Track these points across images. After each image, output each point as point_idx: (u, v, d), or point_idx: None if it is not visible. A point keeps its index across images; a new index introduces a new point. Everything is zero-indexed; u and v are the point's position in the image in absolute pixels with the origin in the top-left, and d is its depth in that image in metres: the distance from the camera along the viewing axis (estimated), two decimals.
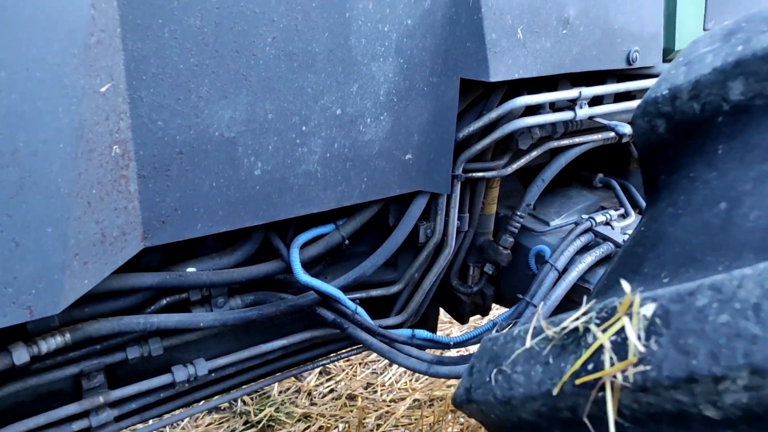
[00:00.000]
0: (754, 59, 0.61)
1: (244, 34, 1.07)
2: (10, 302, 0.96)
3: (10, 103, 0.87)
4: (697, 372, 0.48)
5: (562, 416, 0.57)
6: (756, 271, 0.48)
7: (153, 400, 1.47)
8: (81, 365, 1.33)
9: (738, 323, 0.47)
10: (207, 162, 1.15)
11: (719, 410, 0.48)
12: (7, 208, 0.91)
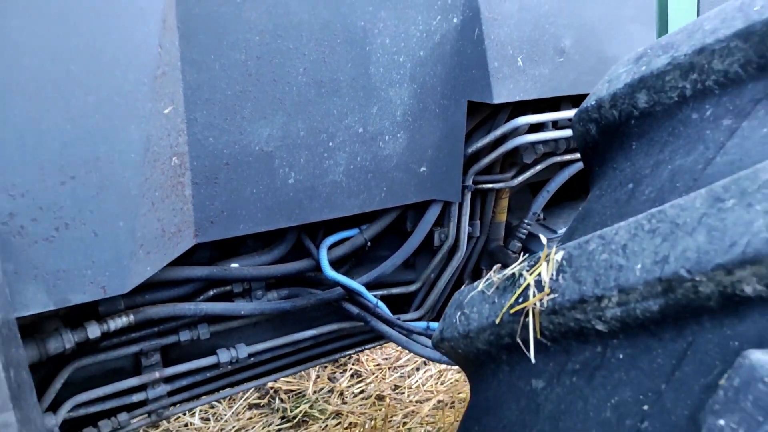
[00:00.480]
0: (652, 76, 0.78)
1: (280, 65, 1.28)
2: (89, 282, 1.18)
3: (94, 121, 1.10)
4: (586, 294, 0.65)
5: (504, 342, 0.74)
6: (627, 223, 0.64)
7: (200, 379, 1.68)
8: (141, 345, 1.55)
9: (612, 258, 0.64)
10: (249, 172, 1.36)
11: (605, 324, 0.65)
12: (90, 205, 1.14)
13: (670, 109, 0.78)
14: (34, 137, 1.05)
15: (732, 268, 0.55)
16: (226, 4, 1.17)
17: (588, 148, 0.95)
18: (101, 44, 1.07)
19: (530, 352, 0.69)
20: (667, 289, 0.59)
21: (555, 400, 0.68)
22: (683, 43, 0.77)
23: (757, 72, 0.70)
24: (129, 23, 1.08)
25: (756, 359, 0.50)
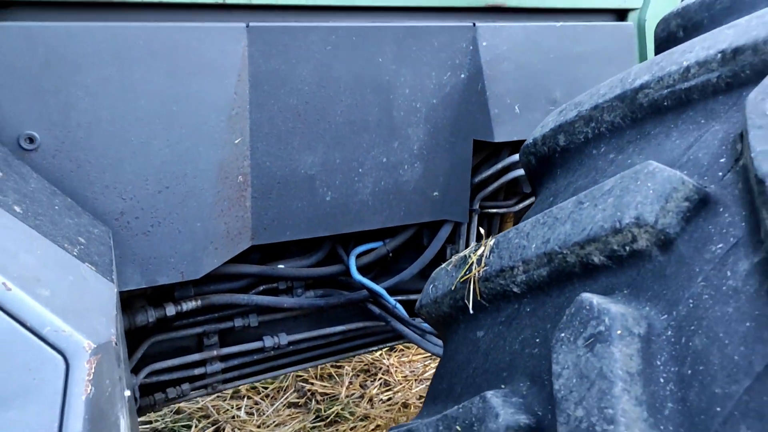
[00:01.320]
0: (567, 124, 1.10)
1: (322, 109, 1.65)
2: (172, 268, 1.55)
3: (185, 147, 1.48)
4: (504, 266, 0.96)
5: (459, 304, 1.05)
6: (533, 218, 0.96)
7: (248, 360, 2.03)
8: (204, 327, 1.91)
9: (520, 241, 0.95)
10: (295, 190, 1.71)
11: (517, 286, 0.95)
12: (177, 209, 1.51)
13: (579, 147, 1.10)
14: (142, 157, 1.44)
15: (583, 245, 0.85)
16: (284, 64, 1.54)
17: (531, 174, 1.28)
18: (194, 91, 1.46)
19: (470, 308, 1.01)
20: (549, 260, 0.90)
21: (488, 342, 0.99)
22: (586, 101, 1.09)
23: (631, 122, 1.02)
24: (214, 76, 1.47)
25: (584, 296, 0.80)
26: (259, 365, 2.08)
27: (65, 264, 1.01)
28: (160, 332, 1.85)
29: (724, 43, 0.90)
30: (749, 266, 0.71)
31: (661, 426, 0.69)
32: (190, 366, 1.93)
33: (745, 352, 0.68)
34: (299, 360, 2.16)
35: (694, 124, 0.91)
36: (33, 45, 1.26)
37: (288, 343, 2.03)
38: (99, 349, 0.89)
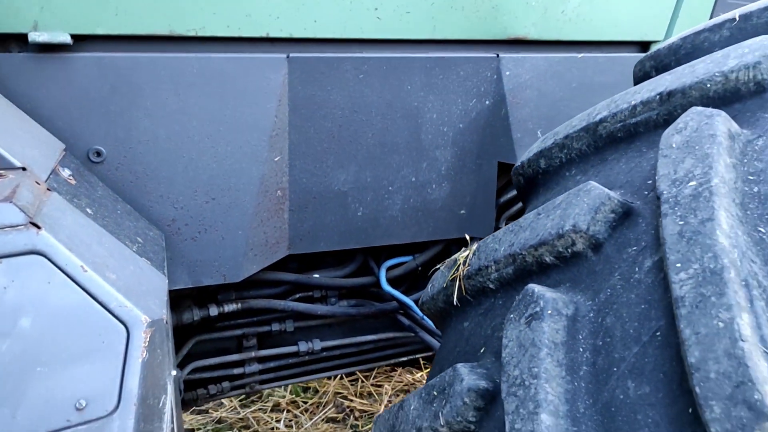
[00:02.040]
0: (546, 149, 1.24)
1: (355, 131, 1.82)
2: (216, 271, 1.74)
3: (230, 163, 1.67)
4: (481, 265, 1.10)
5: (450, 300, 1.19)
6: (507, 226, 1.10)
7: (283, 363, 2.20)
8: (243, 329, 2.10)
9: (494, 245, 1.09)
10: (329, 205, 1.89)
11: (492, 283, 1.09)
12: (221, 218, 1.70)
13: (556, 170, 1.24)
14: (192, 171, 1.64)
15: (537, 247, 1.00)
16: (320, 90, 1.73)
17: (520, 192, 1.43)
18: (239, 114, 1.66)
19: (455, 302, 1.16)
20: (513, 260, 1.04)
21: (470, 330, 1.13)
22: (561, 131, 1.24)
23: (594, 150, 1.17)
24: (257, 101, 1.67)
25: (530, 286, 0.95)
26: (294, 369, 2.25)
27: (127, 257, 1.21)
28: (203, 332, 2.05)
29: (662, 87, 1.06)
30: (651, 263, 0.87)
31: (575, 382, 0.85)
32: (230, 365, 2.12)
33: (638, 326, 0.84)
34: (331, 366, 2.31)
35: (638, 152, 1.07)
36: (103, 73, 1.48)
37: (321, 349, 2.19)
38: (153, 324, 1.08)
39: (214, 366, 2.09)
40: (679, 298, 0.79)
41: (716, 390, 0.73)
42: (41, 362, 1.01)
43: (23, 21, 1.36)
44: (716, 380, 0.73)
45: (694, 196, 0.86)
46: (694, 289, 0.78)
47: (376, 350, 2.34)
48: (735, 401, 0.71)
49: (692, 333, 0.77)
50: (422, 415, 1.08)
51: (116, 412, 1.05)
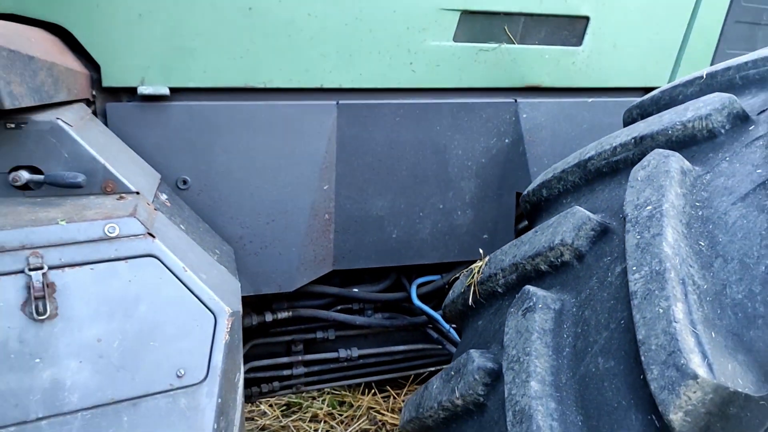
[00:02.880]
0: (546, 181, 1.55)
1: (390, 165, 2.15)
2: (272, 281, 2.07)
3: (287, 192, 2.02)
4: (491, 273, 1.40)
5: (467, 302, 1.49)
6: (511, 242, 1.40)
7: (326, 368, 2.51)
8: (292, 336, 2.42)
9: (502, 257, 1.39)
10: (368, 227, 2.21)
11: (500, 287, 1.38)
12: (279, 237, 2.04)
13: (555, 198, 1.55)
14: (257, 197, 1.99)
15: (534, 257, 1.30)
16: (363, 131, 2.07)
17: (527, 216, 1.74)
18: (296, 150, 2.00)
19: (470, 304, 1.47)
20: (516, 268, 1.35)
21: (482, 327, 1.43)
22: (560, 166, 1.55)
23: (585, 182, 1.47)
24: (311, 139, 2.02)
25: (527, 287, 1.25)
26: (335, 373, 2.56)
27: (211, 263, 1.55)
28: (259, 336, 2.38)
29: (636, 133, 1.37)
30: (620, 269, 1.15)
31: (559, 360, 1.14)
32: (280, 367, 2.44)
33: (607, 317, 1.12)
34: (367, 372, 2.61)
35: (618, 184, 1.37)
36: (191, 117, 1.85)
37: (358, 356, 2.50)
38: (233, 314, 1.41)
39: (267, 367, 2.42)
40: (633, 292, 1.08)
41: (655, 357, 1.02)
42: (153, 338, 1.34)
43: (133, 78, 1.74)
44: (656, 350, 1.02)
45: (649, 217, 1.16)
46: (644, 285, 1.08)
47: (406, 360, 2.63)
48: (668, 365, 1.00)
49: (641, 317, 1.06)
50: (442, 392, 1.38)
51: (205, 381, 1.38)
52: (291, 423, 3.99)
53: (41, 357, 1.24)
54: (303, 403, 4.33)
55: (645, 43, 2.31)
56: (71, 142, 1.45)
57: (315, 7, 1.89)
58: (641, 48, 2.31)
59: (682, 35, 2.36)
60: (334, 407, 4.17)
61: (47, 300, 1.24)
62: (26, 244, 1.25)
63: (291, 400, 4.46)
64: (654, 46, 2.32)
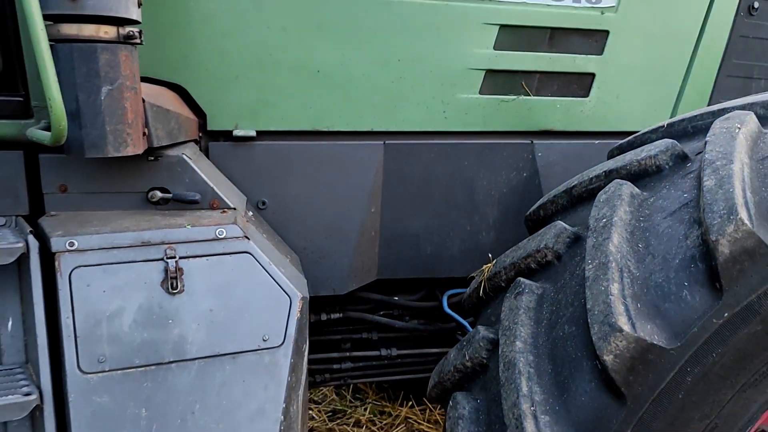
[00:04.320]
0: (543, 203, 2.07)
1: (427, 193, 2.68)
2: (328, 285, 2.61)
3: (342, 213, 2.57)
4: (496, 271, 1.90)
5: (480, 295, 1.99)
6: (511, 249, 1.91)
7: (369, 364, 3.02)
8: (342, 335, 2.95)
9: (505, 259, 1.90)
10: (407, 244, 2.73)
11: (504, 282, 1.87)
12: (335, 250, 2.58)
13: (549, 217, 2.04)
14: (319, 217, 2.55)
15: (526, 258, 1.81)
16: (404, 165, 2.62)
17: (529, 231, 2.23)
18: (350, 179, 2.56)
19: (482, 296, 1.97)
20: (514, 267, 1.85)
21: (490, 313, 1.93)
22: (553, 193, 2.05)
23: (570, 205, 1.96)
24: (362, 171, 2.57)
25: (519, 279, 1.75)
26: (377, 369, 3.07)
27: (286, 263, 2.12)
28: (315, 334, 2.92)
29: (606, 167, 1.87)
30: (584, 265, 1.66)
31: (538, 328, 1.64)
32: (331, 361, 2.97)
33: (573, 298, 1.63)
34: (404, 371, 3.11)
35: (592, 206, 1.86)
36: (270, 154, 2.44)
37: (397, 355, 3.01)
38: (303, 299, 1.96)
39: (321, 360, 2.95)
40: (587, 277, 1.58)
41: (596, 319, 1.50)
42: (247, 311, 1.90)
43: (229, 123, 2.35)
44: (597, 315, 1.51)
45: (603, 227, 1.65)
46: (593, 272, 1.57)
47: (438, 361, 3.11)
48: (604, 323, 1.48)
49: (590, 293, 1.55)
50: (456, 358, 1.89)
51: (282, 345, 1.93)
52: (336, 426, 4.50)
53: (173, 319, 1.81)
54: (347, 410, 4.85)
55: (644, 95, 2.80)
56: (191, 171, 2.05)
57: (368, 69, 2.47)
58: (641, 98, 2.80)
59: (678, 88, 2.84)
60: (375, 415, 4.66)
61: (178, 280, 1.82)
62: (164, 240, 1.84)
63: (336, 407, 4.99)
64: (653, 97, 2.82)
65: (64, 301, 1.71)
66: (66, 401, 1.71)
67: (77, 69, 1.62)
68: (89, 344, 1.72)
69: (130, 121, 1.73)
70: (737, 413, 1.50)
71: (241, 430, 1.86)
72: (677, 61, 2.81)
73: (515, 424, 1.50)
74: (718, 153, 1.55)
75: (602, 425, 1.45)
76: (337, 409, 4.90)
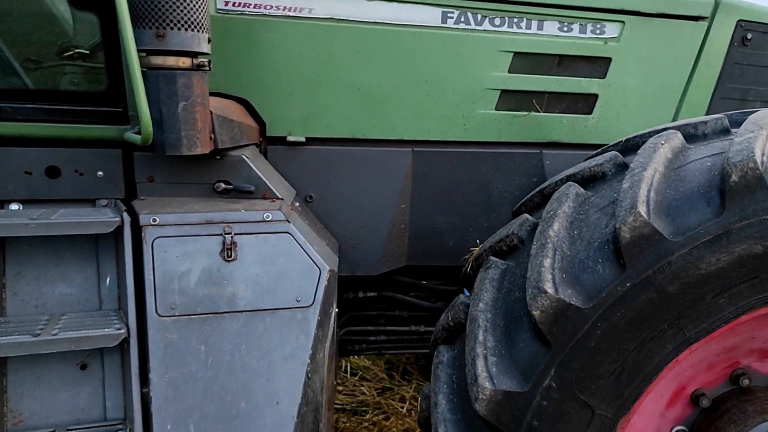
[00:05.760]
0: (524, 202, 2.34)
1: (449, 192, 3.01)
2: (363, 267, 2.97)
3: (376, 208, 2.93)
4: (480, 253, 2.20)
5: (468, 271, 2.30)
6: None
7: (401, 338, 3.36)
8: (377, 311, 3.30)
9: (486, 245, 2.19)
10: (433, 236, 3.04)
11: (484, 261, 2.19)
12: (370, 237, 2.95)
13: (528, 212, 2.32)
14: (357, 211, 2.91)
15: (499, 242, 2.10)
16: (430, 169, 2.94)
17: None
18: (383, 181, 2.92)
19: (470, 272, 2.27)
20: (492, 249, 2.14)
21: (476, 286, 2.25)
22: (530, 193, 2.31)
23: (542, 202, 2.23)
24: (393, 174, 2.92)
25: (491, 258, 2.05)
26: (406, 343, 3.40)
27: (321, 243, 2.50)
28: (354, 310, 3.29)
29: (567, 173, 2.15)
30: None
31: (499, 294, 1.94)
32: (368, 333, 3.33)
33: (524, 271, 1.90)
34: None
35: None
36: (318, 157, 2.83)
37: (424, 331, 3.33)
38: (330, 271, 2.34)
39: (359, 332, 3.31)
40: (530, 254, 1.87)
41: (530, 284, 1.80)
42: (285, 278, 2.30)
43: (284, 130, 2.77)
44: (531, 281, 1.80)
45: (549, 217, 1.93)
46: (535, 251, 1.86)
47: None
48: (535, 287, 1.78)
49: (530, 266, 1.84)
50: (444, 319, 2.21)
51: (312, 306, 2.31)
52: (383, 400, 4.86)
53: (227, 280, 2.23)
54: (394, 388, 5.20)
55: (643, 113, 3.01)
56: (248, 168, 2.47)
57: (399, 88, 2.82)
58: (640, 116, 3.01)
59: (674, 108, 3.03)
60: (418, 393, 4.98)
61: (233, 250, 2.24)
62: (224, 220, 2.26)
63: (386, 385, 5.35)
64: (651, 115, 3.02)
65: (147, 263, 2.16)
66: (146, 336, 2.16)
67: (161, 89, 2.07)
68: (164, 295, 2.17)
69: (199, 128, 2.17)
70: (642, 361, 1.76)
71: (276, 367, 2.25)
72: (674, 84, 3.00)
73: (471, 363, 1.82)
74: (639, 162, 1.81)
75: (534, 365, 1.75)
76: (386, 386, 5.27)
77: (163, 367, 2.16)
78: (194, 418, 2.18)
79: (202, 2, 2.09)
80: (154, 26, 2.00)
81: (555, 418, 1.80)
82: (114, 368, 2.24)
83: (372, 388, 5.12)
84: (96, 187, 2.34)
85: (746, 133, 1.82)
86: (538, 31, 2.87)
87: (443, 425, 1.96)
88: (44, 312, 2.19)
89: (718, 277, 1.75)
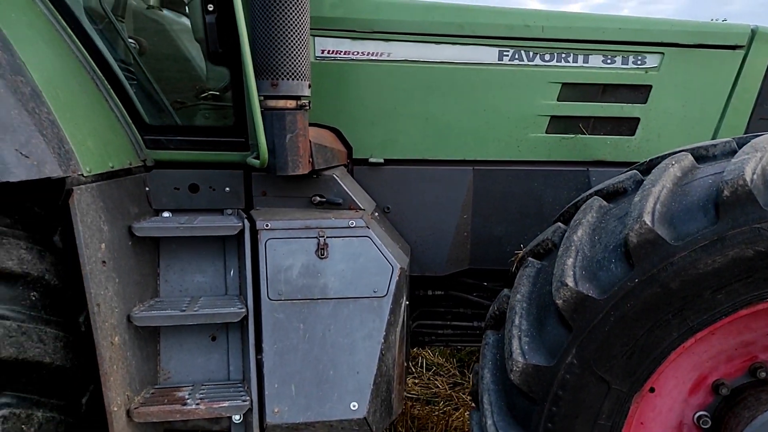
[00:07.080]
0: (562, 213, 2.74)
1: (505, 205, 3.44)
2: (431, 268, 3.46)
3: (442, 218, 3.41)
4: (524, 254, 2.62)
5: (515, 270, 2.73)
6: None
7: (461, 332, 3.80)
8: (444, 308, 3.77)
9: (528, 248, 2.62)
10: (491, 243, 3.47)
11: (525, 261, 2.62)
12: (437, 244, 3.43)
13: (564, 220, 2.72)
14: (425, 220, 3.41)
15: (537, 246, 2.52)
16: (490, 184, 3.38)
17: None
18: (450, 195, 3.40)
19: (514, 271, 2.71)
20: (532, 251, 2.56)
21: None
22: (571, 203, 2.71)
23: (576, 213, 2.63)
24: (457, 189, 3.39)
25: (530, 259, 2.48)
26: (470, 337, 3.85)
27: (396, 247, 3.03)
28: (424, 305, 3.78)
29: (596, 189, 2.54)
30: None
31: (534, 287, 2.37)
32: (437, 327, 3.80)
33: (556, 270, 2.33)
34: None
35: None
36: (394, 175, 3.34)
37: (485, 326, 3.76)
38: (401, 269, 2.86)
39: (429, 326, 3.79)
40: (558, 255, 2.29)
41: (556, 279, 2.21)
42: (365, 273, 2.83)
43: (367, 153, 3.31)
44: (557, 276, 2.21)
45: (575, 225, 2.34)
46: (562, 252, 2.27)
47: None
48: (560, 281, 2.20)
49: (557, 264, 2.26)
50: (492, 309, 2.66)
51: (386, 296, 2.83)
52: (453, 393, 5.30)
53: (320, 273, 2.79)
54: (465, 383, 5.63)
55: (682, 134, 3.32)
56: (338, 185, 3.04)
57: (462, 116, 3.30)
58: (680, 137, 3.32)
59: (713, 129, 3.32)
60: None
61: (325, 250, 2.80)
62: (318, 226, 2.84)
63: (457, 381, 5.79)
64: (690, 136, 3.32)
65: (262, 258, 2.76)
66: (260, 315, 2.76)
67: (274, 125, 2.68)
68: (274, 284, 2.76)
69: (301, 153, 2.76)
70: (650, 345, 2.13)
71: (357, 344, 2.78)
72: (712, 107, 3.29)
73: (508, 342, 2.26)
74: (650, 180, 2.19)
75: (558, 344, 2.16)
76: (458, 382, 5.70)
77: (272, 339, 2.74)
78: (295, 381, 2.75)
79: (305, 58, 2.68)
80: (270, 77, 2.62)
81: (576, 389, 2.19)
82: (236, 340, 2.86)
83: (444, 383, 5.57)
84: (224, 199, 2.98)
85: (742, 155, 2.16)
86: (583, 64, 3.27)
87: (487, 394, 2.41)
88: (186, 295, 2.84)
89: (714, 276, 2.07)
